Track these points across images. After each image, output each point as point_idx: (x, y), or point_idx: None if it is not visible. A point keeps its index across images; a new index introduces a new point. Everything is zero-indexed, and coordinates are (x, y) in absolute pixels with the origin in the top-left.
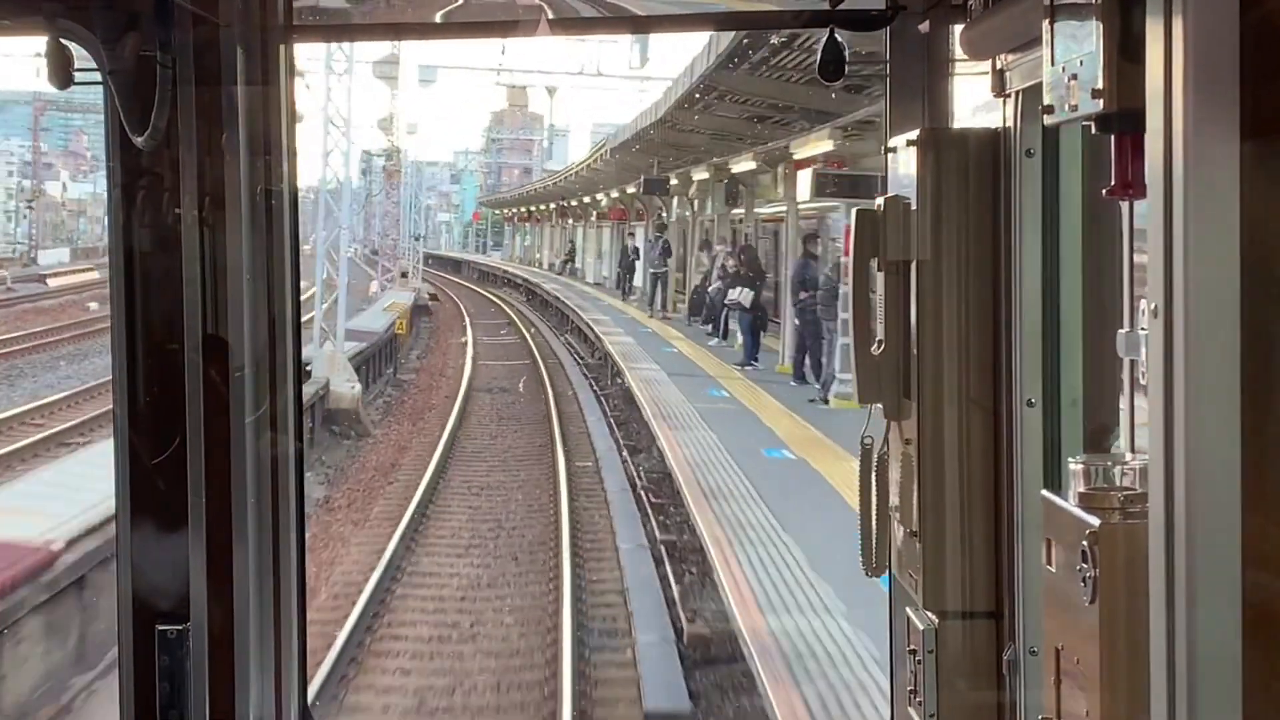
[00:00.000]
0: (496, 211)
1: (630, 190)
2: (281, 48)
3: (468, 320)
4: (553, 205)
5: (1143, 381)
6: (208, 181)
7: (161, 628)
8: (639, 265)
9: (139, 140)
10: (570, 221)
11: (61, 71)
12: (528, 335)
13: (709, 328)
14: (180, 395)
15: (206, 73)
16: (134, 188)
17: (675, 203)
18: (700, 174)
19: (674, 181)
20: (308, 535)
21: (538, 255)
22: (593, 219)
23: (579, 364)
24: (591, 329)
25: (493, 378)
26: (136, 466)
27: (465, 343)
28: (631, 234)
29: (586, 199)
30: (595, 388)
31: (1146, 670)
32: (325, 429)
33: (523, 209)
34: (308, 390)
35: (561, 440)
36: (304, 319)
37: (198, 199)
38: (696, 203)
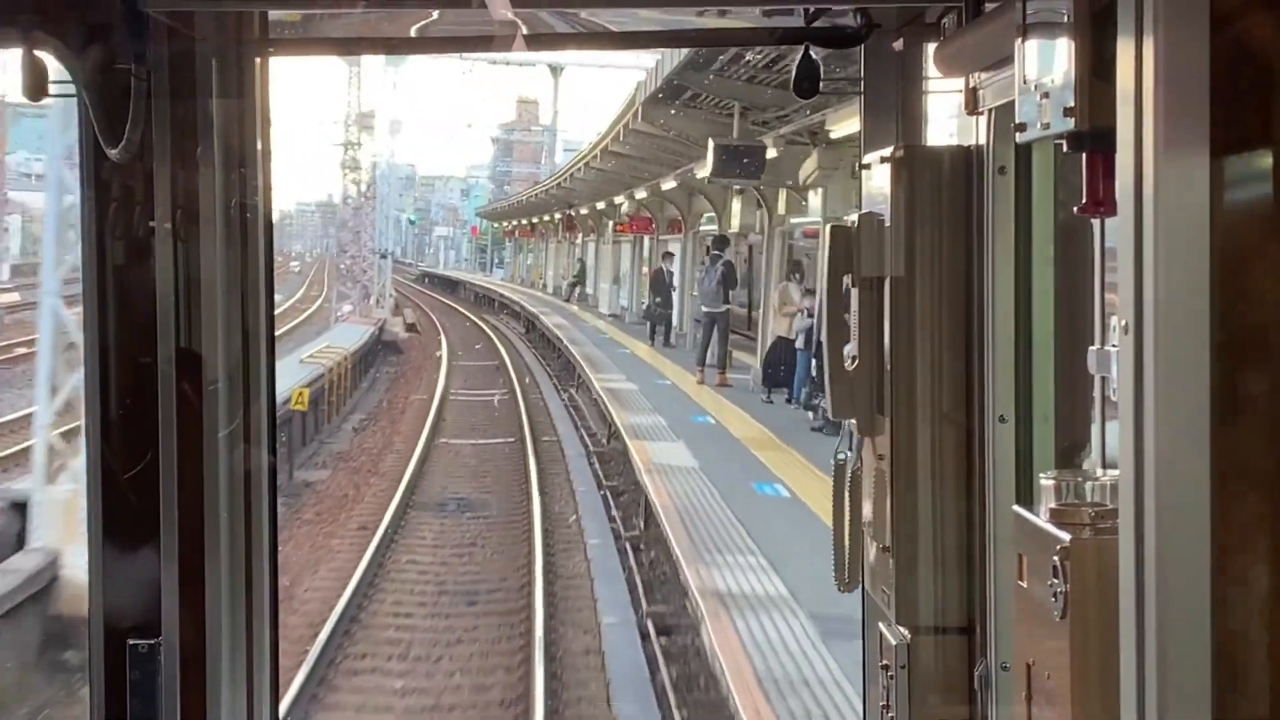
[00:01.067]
0: (497, 225)
1: (669, 185)
2: (256, 61)
3: (445, 362)
4: (557, 216)
5: (1114, 398)
6: (181, 195)
7: (133, 642)
8: (677, 299)
9: (113, 153)
10: (580, 236)
11: (36, 84)
12: (518, 387)
13: (812, 415)
14: (153, 409)
15: (181, 86)
16: (107, 201)
17: (738, 204)
18: (846, 123)
19: (773, 152)
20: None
21: (541, 277)
22: (608, 233)
23: (587, 448)
24: (610, 412)
25: (457, 472)
26: (108, 480)
27: (433, 400)
28: (669, 254)
29: (601, 204)
30: (620, 528)
31: (1117, 685)
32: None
33: (523, 221)
34: None
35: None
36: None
37: (171, 212)
38: (781, 200)
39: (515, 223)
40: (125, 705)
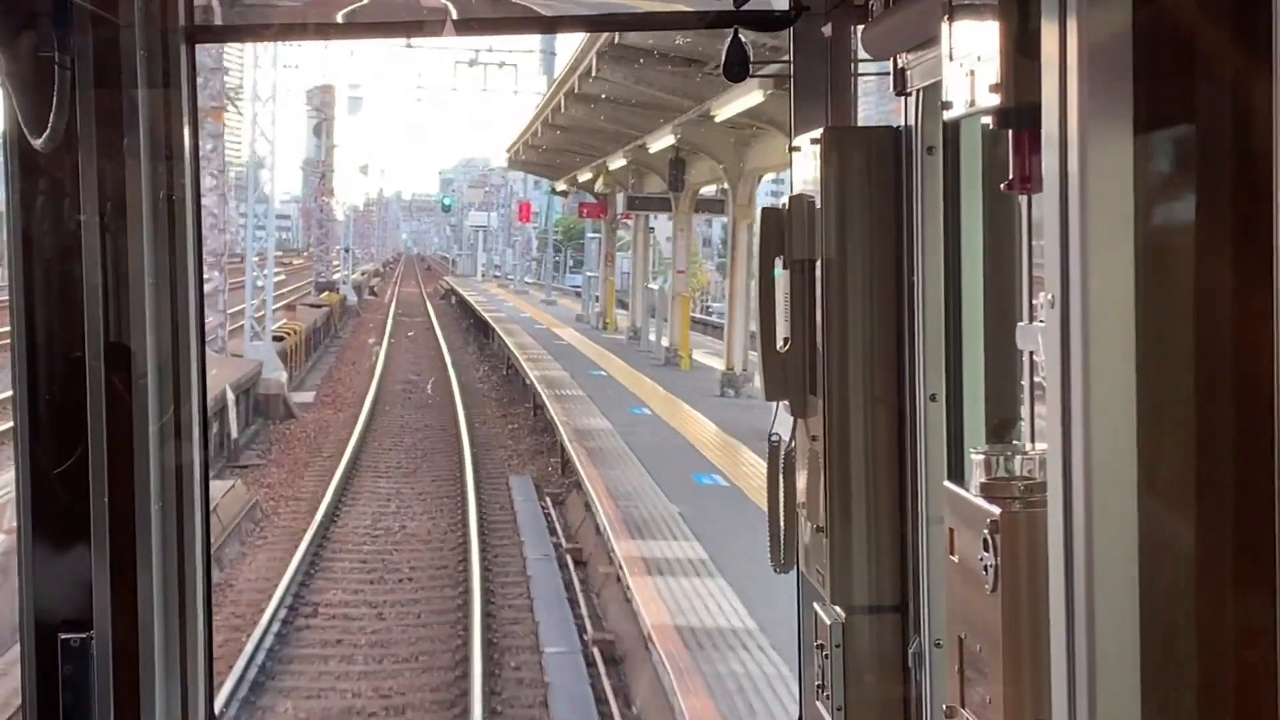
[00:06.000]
0: (561, 196)
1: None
2: (183, 48)
3: None
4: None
5: (1041, 374)
6: (108, 185)
7: (64, 636)
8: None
9: (37, 143)
10: None
11: None
12: None
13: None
14: (82, 403)
15: (106, 74)
16: (33, 192)
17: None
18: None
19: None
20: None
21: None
22: None
23: None
24: None
25: None
26: (38, 475)
27: None
28: None
29: None
30: None
31: (1048, 656)
32: None
33: (597, 166)
34: None
35: None
36: None
37: (99, 203)
38: None
39: (575, 182)
40: (58, 699)
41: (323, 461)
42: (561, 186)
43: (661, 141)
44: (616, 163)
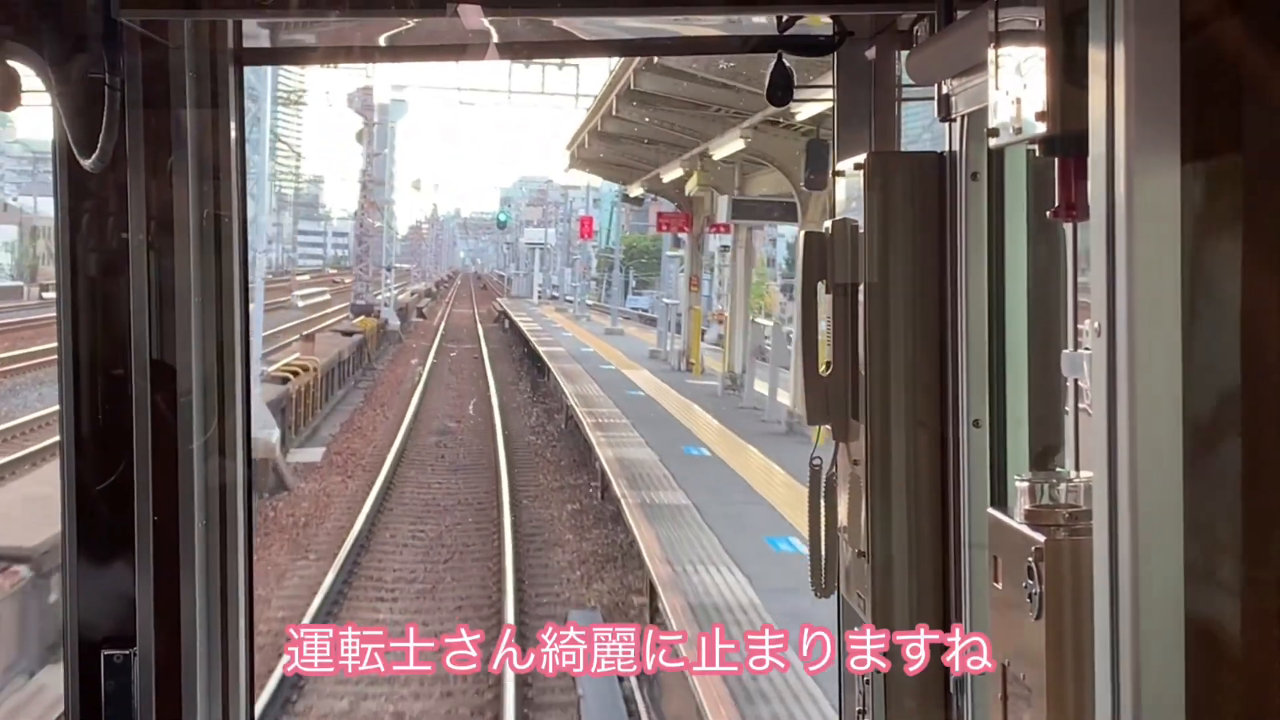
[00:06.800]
0: (626, 200)
1: None
2: (231, 70)
3: None
4: None
5: (1086, 401)
6: (156, 205)
7: (108, 653)
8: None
9: (87, 163)
10: None
11: (9, 93)
12: None
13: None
14: (127, 419)
15: (155, 95)
16: (81, 211)
17: None
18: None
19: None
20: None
21: None
22: None
23: None
24: None
25: None
26: (83, 491)
27: None
28: None
29: None
30: None
31: (1092, 685)
32: None
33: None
34: None
35: None
36: None
37: (145, 222)
38: None
39: (657, 183)
40: (101, 716)
41: (304, 570)
42: (635, 191)
43: (812, 106)
44: (727, 147)
